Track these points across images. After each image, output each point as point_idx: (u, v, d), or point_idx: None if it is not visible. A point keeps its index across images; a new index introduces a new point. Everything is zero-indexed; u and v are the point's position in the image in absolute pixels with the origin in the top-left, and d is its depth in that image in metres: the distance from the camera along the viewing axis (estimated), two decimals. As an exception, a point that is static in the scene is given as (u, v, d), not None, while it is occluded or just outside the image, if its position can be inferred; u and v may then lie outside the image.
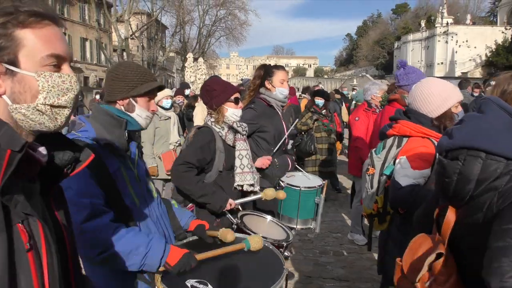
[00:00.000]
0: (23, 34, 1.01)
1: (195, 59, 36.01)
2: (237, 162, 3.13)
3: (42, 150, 1.10)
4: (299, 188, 3.55)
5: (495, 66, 46.35)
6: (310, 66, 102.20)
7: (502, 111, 1.42)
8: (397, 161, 2.48)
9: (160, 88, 2.12)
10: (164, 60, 44.42)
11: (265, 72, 3.86)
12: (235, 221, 2.92)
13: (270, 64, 4.14)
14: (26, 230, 1.00)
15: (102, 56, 41.24)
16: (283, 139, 3.88)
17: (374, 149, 2.83)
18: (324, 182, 3.77)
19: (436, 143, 2.41)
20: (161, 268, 1.89)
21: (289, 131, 4.02)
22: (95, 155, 1.24)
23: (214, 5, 48.75)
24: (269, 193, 3.11)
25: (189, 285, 1.85)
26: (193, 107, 8.25)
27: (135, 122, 2.05)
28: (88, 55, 43.05)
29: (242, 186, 3.16)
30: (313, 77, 73.74)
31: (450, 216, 1.50)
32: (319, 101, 7.55)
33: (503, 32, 51.26)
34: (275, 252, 2.33)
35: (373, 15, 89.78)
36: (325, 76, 79.66)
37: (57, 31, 1.08)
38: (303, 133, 7.36)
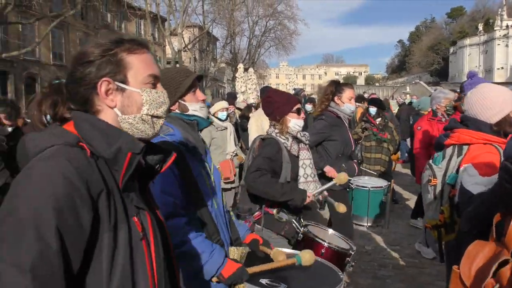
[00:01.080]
0: (130, 59, 1.27)
1: (245, 70, 36.46)
2: (301, 172, 3.18)
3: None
4: (367, 188, 3.85)
5: (562, 70, 43.50)
6: (361, 74, 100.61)
7: None
8: (461, 169, 2.43)
9: (199, 77, 2.17)
10: (215, 71, 45.37)
11: (335, 89, 4.30)
12: (301, 230, 3.00)
13: (339, 81, 4.57)
14: (140, 222, 1.22)
15: (157, 69, 42.69)
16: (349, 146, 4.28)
17: (431, 160, 2.79)
18: (389, 183, 4.08)
19: (499, 148, 2.38)
20: (214, 279, 1.98)
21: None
22: (181, 157, 1.47)
23: (263, 16, 49.28)
24: (342, 177, 3.26)
25: (263, 282, 1.99)
26: (247, 117, 8.36)
27: (202, 119, 2.13)
28: (143, 68, 44.62)
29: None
30: (364, 85, 72.44)
31: None
32: (372, 109, 7.42)
33: None
34: (331, 266, 2.44)
35: (426, 20, 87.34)
36: (376, 84, 78.02)
37: (151, 56, 1.35)
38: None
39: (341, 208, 3.25)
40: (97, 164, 1.16)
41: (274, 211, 3.05)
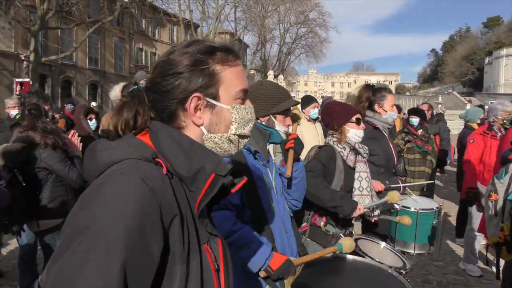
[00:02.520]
0: (223, 71, 1.13)
1: (275, 76, 36.61)
2: (356, 184, 3.10)
3: None
4: (416, 211, 3.41)
5: None
6: (391, 83, 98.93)
7: None
8: None
9: (296, 104, 2.31)
10: (245, 77, 45.61)
11: (374, 95, 3.84)
12: None
13: (374, 85, 4.12)
14: (212, 250, 1.10)
15: (188, 74, 43.31)
16: (392, 161, 3.84)
17: (497, 175, 2.74)
18: (440, 205, 3.61)
19: None
20: (262, 273, 1.94)
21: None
22: (244, 159, 1.36)
23: (295, 23, 49.35)
24: (395, 196, 3.03)
25: None
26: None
27: (277, 134, 2.19)
28: (175, 73, 45.37)
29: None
30: (395, 94, 71.24)
31: None
32: (414, 119, 7.24)
33: None
34: (399, 279, 2.29)
35: (461, 29, 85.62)
36: (407, 93, 76.70)
37: (242, 67, 1.22)
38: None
39: (406, 220, 3.00)
40: (171, 183, 1.04)
41: (322, 223, 2.98)
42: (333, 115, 3.12)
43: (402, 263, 2.85)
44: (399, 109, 11.60)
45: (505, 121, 4.82)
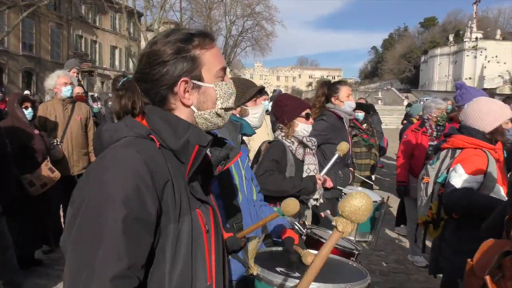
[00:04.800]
0: (202, 54, 1.26)
1: (222, 69, 36.31)
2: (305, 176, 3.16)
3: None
4: None
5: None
6: (334, 78, 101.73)
7: None
8: (451, 168, 2.73)
9: (261, 90, 2.48)
10: (190, 69, 45.04)
11: (329, 90, 4.07)
12: (304, 231, 2.94)
13: (330, 81, 4.38)
14: (203, 215, 1.24)
15: (131, 64, 41.99)
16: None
17: (430, 161, 3.06)
18: (383, 197, 3.80)
19: (488, 153, 2.68)
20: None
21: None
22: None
23: (241, 15, 49.28)
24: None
25: (278, 270, 1.96)
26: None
27: (248, 126, 2.36)
28: (117, 63, 43.95)
29: (307, 200, 3.20)
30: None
31: None
32: (360, 114, 7.43)
33: (535, 48, 50.26)
34: (357, 266, 2.37)
35: (399, 28, 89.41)
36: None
37: (218, 48, 1.35)
38: None
39: (343, 147, 3.20)
40: (165, 156, 1.19)
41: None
42: (284, 109, 3.16)
43: (354, 246, 2.94)
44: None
45: (439, 118, 5.07)
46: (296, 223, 2.96)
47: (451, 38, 62.64)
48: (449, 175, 2.72)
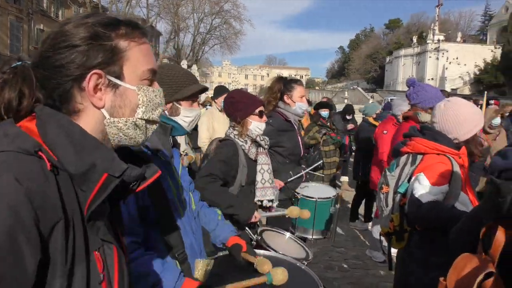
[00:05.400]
0: (127, 48, 1.01)
1: (189, 67, 36.07)
2: (259, 177, 3.07)
3: None
4: (314, 199, 3.59)
5: (482, 83, 47.16)
6: (302, 77, 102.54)
7: None
8: (413, 178, 2.47)
9: (203, 90, 2.10)
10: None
11: (284, 87, 3.88)
12: (254, 237, 2.89)
13: (286, 78, 4.16)
14: (102, 258, 0.96)
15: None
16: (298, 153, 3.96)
17: (388, 167, 2.79)
18: (338, 192, 3.86)
19: (452, 159, 2.43)
20: None
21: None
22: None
23: (209, 13, 48.98)
24: (294, 212, 3.11)
25: None
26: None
27: (180, 127, 2.01)
28: (81, 58, 42.71)
29: (262, 201, 3.11)
30: (305, 88, 74.16)
31: (500, 236, 1.49)
32: (325, 113, 7.54)
33: (492, 51, 52.32)
34: (312, 276, 2.28)
35: (365, 29, 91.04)
36: (317, 88, 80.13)
37: (150, 47, 1.10)
38: (310, 147, 7.34)
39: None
40: (57, 180, 0.88)
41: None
42: (237, 107, 3.02)
43: (305, 253, 2.91)
44: (308, 102, 12.08)
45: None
46: (247, 227, 2.92)
47: (414, 39, 64.22)
48: (412, 186, 2.47)
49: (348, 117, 9.90)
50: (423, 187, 2.38)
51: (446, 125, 2.49)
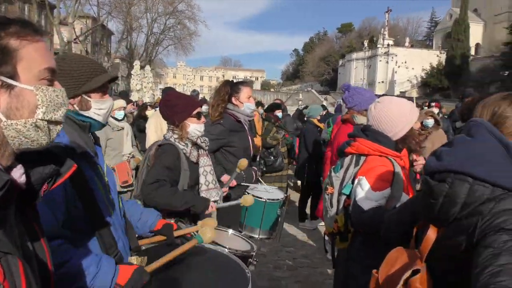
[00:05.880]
0: (20, 47, 0.97)
1: (142, 67, 35.33)
2: (202, 179, 3.07)
3: (19, 168, 1.01)
4: (264, 200, 3.66)
5: (429, 86, 49.40)
6: (257, 79, 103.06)
7: (491, 137, 1.44)
8: (356, 181, 2.49)
9: (113, 79, 1.98)
10: (109, 66, 43.14)
11: (231, 89, 3.97)
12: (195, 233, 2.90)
13: (233, 81, 4.28)
14: (3, 270, 0.90)
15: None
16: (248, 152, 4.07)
17: (333, 167, 2.83)
18: (286, 195, 3.97)
19: (393, 161, 2.46)
20: None
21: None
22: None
23: (163, 13, 48.27)
24: (248, 200, 3.15)
25: None
26: (143, 117, 8.01)
27: (96, 123, 1.91)
28: (26, 57, 40.87)
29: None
30: (260, 90, 74.63)
31: (431, 234, 1.54)
32: (279, 114, 7.67)
33: (437, 56, 54.87)
34: (239, 264, 2.32)
35: (319, 32, 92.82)
36: (272, 90, 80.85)
37: (47, 45, 1.07)
38: (270, 148, 7.46)
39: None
40: None
41: (172, 221, 2.92)
42: (174, 109, 2.95)
43: (250, 246, 2.95)
44: (261, 105, 12.24)
45: None
46: (185, 225, 2.89)
47: (366, 43, 66.32)
48: (355, 190, 2.48)
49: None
50: (365, 192, 2.40)
51: (380, 125, 2.50)
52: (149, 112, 8.35)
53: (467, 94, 7.25)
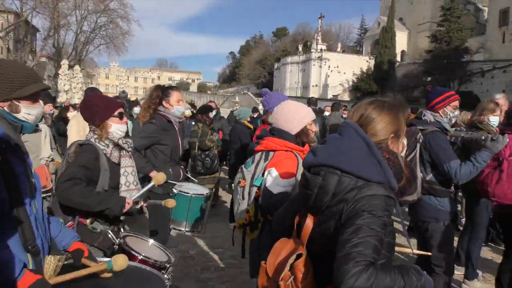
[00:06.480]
0: None
1: (71, 67, 33.75)
2: (123, 180, 3.05)
3: None
4: (189, 195, 3.86)
5: (360, 90, 51.72)
6: (194, 81, 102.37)
7: (357, 136, 1.70)
8: (266, 172, 2.78)
9: (44, 90, 2.09)
10: (34, 65, 40.67)
11: (162, 93, 4.28)
12: (117, 241, 2.86)
13: (164, 85, 4.60)
14: None
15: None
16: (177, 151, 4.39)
17: (244, 164, 3.07)
18: (211, 190, 4.21)
19: (298, 155, 2.78)
20: None
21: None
22: (4, 155, 1.25)
23: (94, 11, 46.36)
24: (160, 178, 3.21)
25: None
26: (64, 119, 7.65)
27: (28, 125, 1.99)
28: None
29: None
30: (197, 92, 74.11)
31: (309, 222, 1.76)
32: (212, 115, 7.70)
33: (367, 61, 57.61)
34: (155, 273, 2.39)
35: (255, 35, 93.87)
36: (208, 92, 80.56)
37: None
38: (207, 150, 7.45)
39: (170, 203, 3.23)
40: None
41: (88, 221, 2.86)
42: (94, 110, 2.94)
43: (167, 257, 3.01)
44: (195, 107, 12.20)
45: None
46: (110, 231, 2.91)
47: (300, 48, 68.11)
48: (265, 179, 2.77)
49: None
50: (274, 179, 2.71)
51: (279, 123, 2.89)
52: (71, 114, 7.99)
53: (387, 98, 7.80)
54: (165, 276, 2.68)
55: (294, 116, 2.86)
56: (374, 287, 1.44)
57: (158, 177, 3.19)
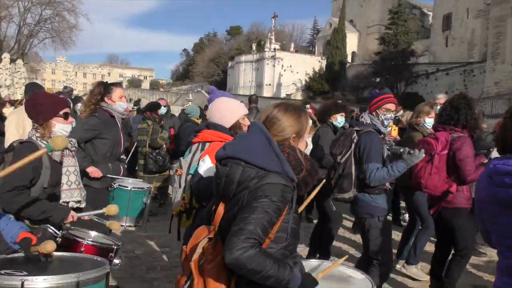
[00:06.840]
0: None
1: (13, 61, 32.17)
2: (64, 179, 3.07)
3: None
4: (129, 189, 3.90)
5: (312, 90, 52.66)
6: (146, 78, 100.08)
7: (261, 133, 1.96)
8: (201, 160, 2.96)
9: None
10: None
11: (104, 90, 4.35)
12: (59, 233, 2.82)
13: (107, 82, 4.63)
14: None
15: None
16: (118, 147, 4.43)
17: (182, 156, 3.26)
18: (152, 185, 4.32)
19: None
20: None
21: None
22: None
23: (38, 3, 44.27)
24: (112, 209, 3.18)
25: (2, 272, 1.98)
26: (0, 116, 7.21)
27: None
28: None
29: (68, 202, 3.10)
30: (149, 90, 72.67)
31: (220, 208, 1.98)
32: (163, 113, 7.57)
33: (319, 61, 58.71)
34: (96, 258, 2.47)
35: (209, 33, 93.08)
36: (161, 89, 79.20)
37: None
38: (157, 148, 7.32)
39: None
40: None
41: (36, 226, 2.82)
42: (39, 108, 2.94)
43: (113, 242, 3.04)
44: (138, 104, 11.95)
45: None
46: (50, 226, 2.83)
47: (254, 47, 68.34)
48: (199, 166, 2.93)
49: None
50: (206, 165, 2.89)
51: (214, 118, 3.13)
52: (7, 110, 7.57)
53: (335, 97, 7.98)
54: (115, 261, 2.82)
55: (226, 110, 3.09)
56: (255, 264, 1.69)
57: (111, 208, 3.17)
